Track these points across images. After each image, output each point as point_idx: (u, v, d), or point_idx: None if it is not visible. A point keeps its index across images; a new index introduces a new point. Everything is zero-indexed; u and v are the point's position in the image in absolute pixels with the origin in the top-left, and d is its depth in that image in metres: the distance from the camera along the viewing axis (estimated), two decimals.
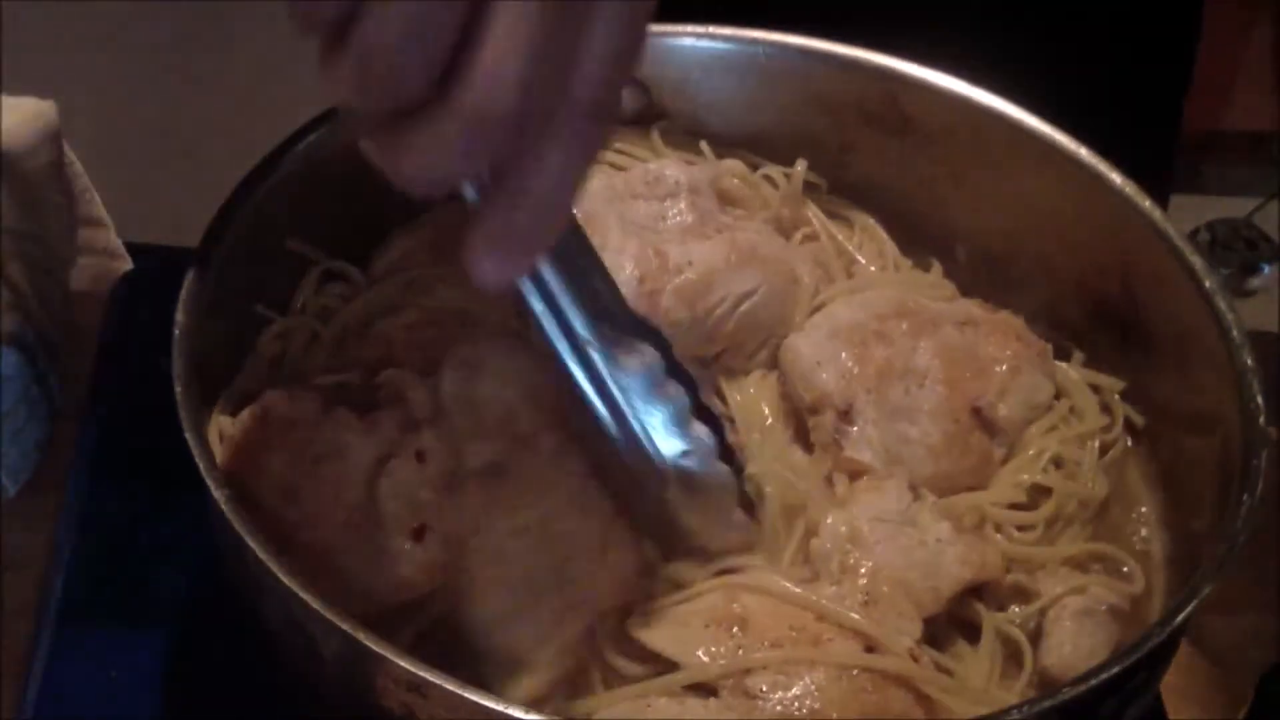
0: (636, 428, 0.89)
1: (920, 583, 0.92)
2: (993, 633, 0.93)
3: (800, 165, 1.11)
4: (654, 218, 1.04)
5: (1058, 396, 1.04)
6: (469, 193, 0.75)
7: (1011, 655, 0.94)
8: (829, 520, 0.95)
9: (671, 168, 1.07)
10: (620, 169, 1.09)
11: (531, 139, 0.70)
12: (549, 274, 0.84)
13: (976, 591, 0.95)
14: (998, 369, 1.02)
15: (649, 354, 0.88)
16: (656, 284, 1.00)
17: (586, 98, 0.70)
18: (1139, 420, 1.04)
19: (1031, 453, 1.01)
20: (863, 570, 0.92)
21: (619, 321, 0.89)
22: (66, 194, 1.14)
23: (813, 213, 1.13)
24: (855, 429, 0.98)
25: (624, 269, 1.00)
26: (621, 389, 0.88)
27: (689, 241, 1.02)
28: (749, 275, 1.03)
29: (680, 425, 0.90)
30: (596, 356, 0.87)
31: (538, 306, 0.85)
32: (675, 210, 1.04)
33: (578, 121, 0.70)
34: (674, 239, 1.02)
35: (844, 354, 1.00)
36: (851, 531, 0.94)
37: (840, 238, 1.12)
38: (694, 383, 0.91)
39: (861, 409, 0.99)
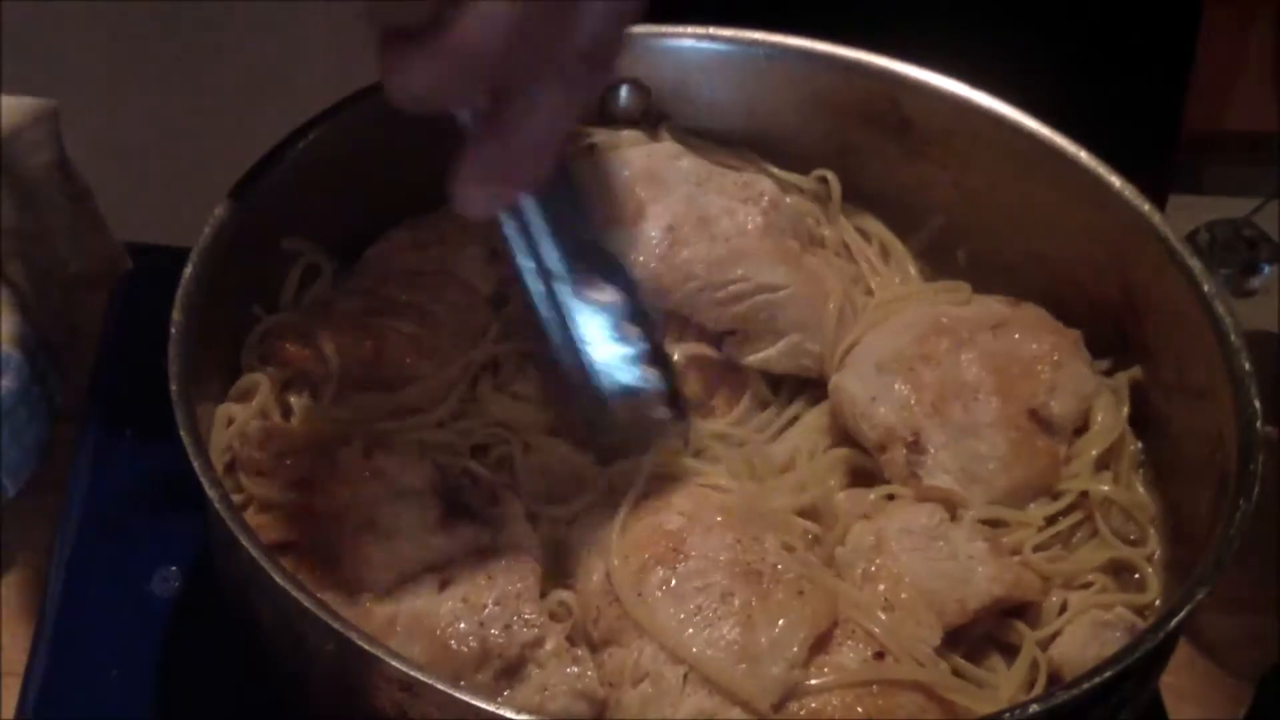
0: (587, 360, 0.93)
1: (946, 594, 0.91)
2: (1031, 653, 0.92)
3: (830, 176, 1.11)
4: (723, 211, 1.05)
5: None
6: (464, 119, 0.79)
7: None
8: (856, 529, 0.95)
9: (769, 183, 1.08)
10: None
11: (528, 79, 0.75)
12: (527, 205, 0.88)
13: (1019, 613, 0.94)
14: (1041, 366, 1.01)
15: (612, 295, 0.92)
16: (683, 236, 1.02)
17: (585, 45, 0.74)
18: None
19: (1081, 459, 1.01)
20: (884, 577, 0.92)
21: (588, 257, 0.92)
22: (66, 194, 1.14)
23: (842, 227, 1.12)
24: (929, 457, 0.98)
25: (659, 219, 1.02)
26: (579, 324, 0.92)
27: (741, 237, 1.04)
28: (780, 272, 1.04)
29: (630, 366, 0.94)
30: (560, 289, 0.91)
31: (512, 235, 0.89)
32: (747, 213, 1.05)
33: (575, 66, 0.75)
34: (729, 229, 1.04)
35: (896, 384, 1.00)
36: (878, 541, 0.94)
37: (868, 253, 1.12)
38: (655, 327, 0.96)
39: (929, 435, 0.98)
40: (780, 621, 0.87)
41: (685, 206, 1.04)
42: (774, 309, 1.04)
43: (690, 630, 0.86)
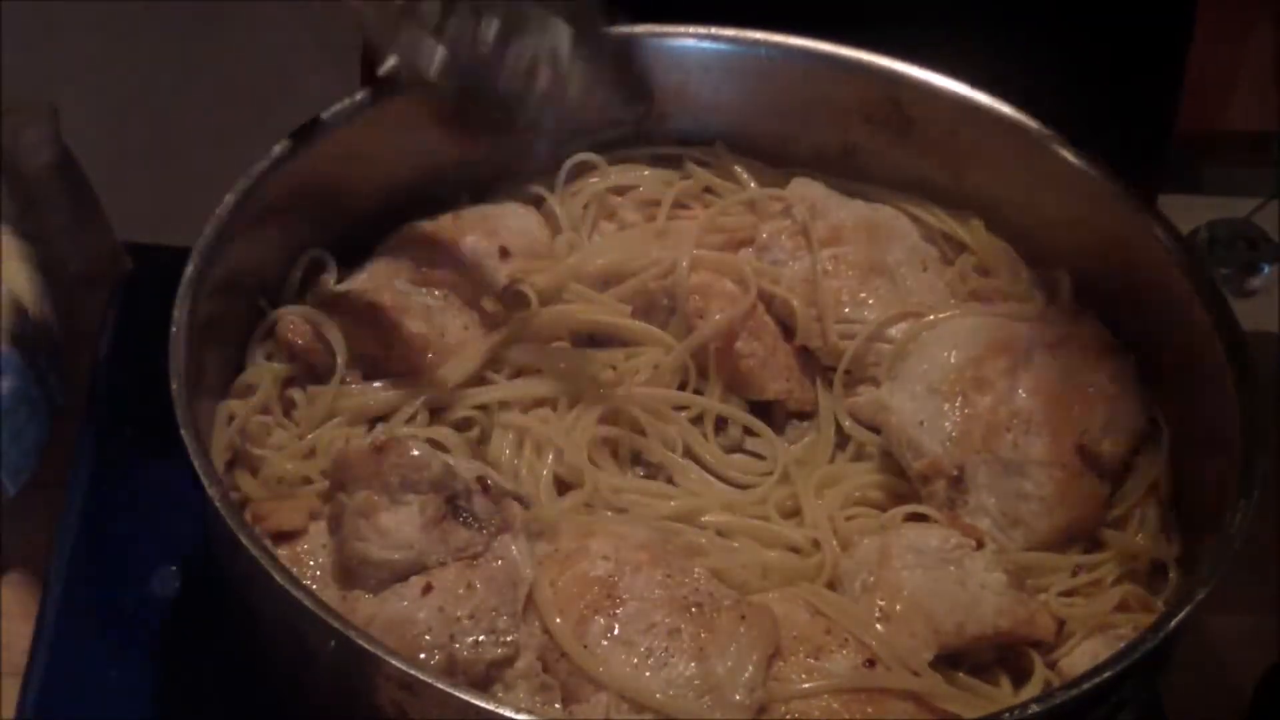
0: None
1: (944, 615, 0.91)
2: (1043, 676, 0.92)
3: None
4: None
5: None
6: None
7: None
8: (865, 543, 0.95)
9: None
10: None
11: None
12: None
13: (1036, 644, 0.93)
14: (1097, 395, 0.99)
15: None
16: None
17: None
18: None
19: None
20: (883, 590, 0.92)
21: None
22: (67, 194, 1.14)
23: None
24: (970, 496, 0.96)
25: None
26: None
27: None
28: None
29: None
30: None
31: None
32: None
33: None
34: None
35: (946, 410, 0.98)
36: (882, 555, 0.93)
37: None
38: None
39: (973, 473, 0.97)
40: (731, 648, 0.86)
41: None
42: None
43: (647, 674, 0.85)
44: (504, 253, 1.05)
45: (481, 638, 0.86)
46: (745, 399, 1.04)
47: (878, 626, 0.90)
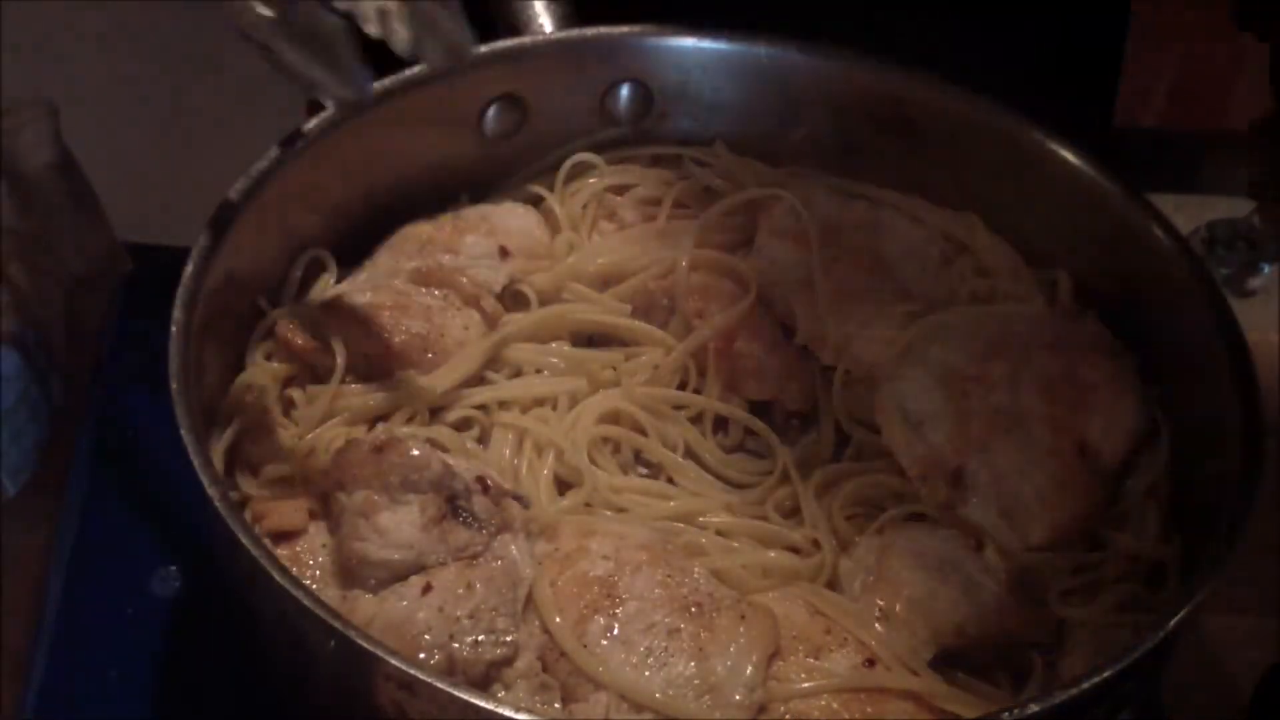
0: None
1: (944, 615, 0.91)
2: (1041, 681, 0.92)
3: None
4: None
5: None
6: None
7: None
8: (863, 544, 0.95)
9: None
10: None
11: None
12: None
13: (1036, 644, 0.93)
14: (1097, 395, 1.00)
15: None
16: None
17: None
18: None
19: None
20: (882, 590, 0.92)
21: None
22: (67, 194, 1.14)
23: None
24: (970, 493, 0.96)
25: None
26: None
27: None
28: None
29: None
30: None
31: None
32: None
33: None
34: None
35: (948, 408, 0.99)
36: (881, 556, 0.94)
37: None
38: None
39: (974, 472, 0.97)
40: (731, 648, 0.86)
41: None
42: None
43: (646, 673, 0.86)
44: (504, 253, 1.05)
45: (481, 637, 0.86)
46: (745, 399, 1.04)
47: (877, 626, 0.90)
